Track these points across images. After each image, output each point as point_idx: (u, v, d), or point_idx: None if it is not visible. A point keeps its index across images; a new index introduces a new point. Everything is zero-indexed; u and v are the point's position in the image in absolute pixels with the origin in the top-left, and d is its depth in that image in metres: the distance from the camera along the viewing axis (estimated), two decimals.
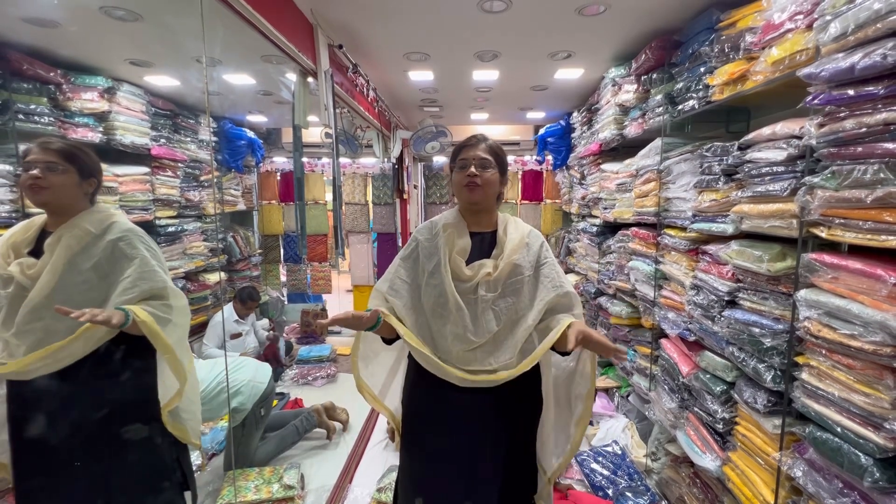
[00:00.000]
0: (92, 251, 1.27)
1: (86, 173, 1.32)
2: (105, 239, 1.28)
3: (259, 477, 2.13)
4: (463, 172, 1.26)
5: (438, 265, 1.25)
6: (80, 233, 1.27)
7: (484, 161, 1.26)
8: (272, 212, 4.96)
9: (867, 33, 1.01)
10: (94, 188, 1.35)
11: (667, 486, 2.10)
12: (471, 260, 1.27)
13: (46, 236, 1.28)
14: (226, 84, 2.89)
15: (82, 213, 1.31)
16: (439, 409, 1.30)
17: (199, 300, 3.27)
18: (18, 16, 1.81)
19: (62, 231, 1.27)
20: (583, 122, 3.51)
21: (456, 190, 1.31)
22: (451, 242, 1.27)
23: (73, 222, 1.28)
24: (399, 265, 1.34)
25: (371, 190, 5.03)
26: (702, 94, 1.82)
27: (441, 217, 1.35)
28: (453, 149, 1.35)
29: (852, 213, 1.08)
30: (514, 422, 1.31)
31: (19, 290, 1.23)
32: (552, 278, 1.29)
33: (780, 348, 1.34)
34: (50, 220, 1.31)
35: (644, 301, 2.36)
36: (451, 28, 2.25)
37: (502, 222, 1.34)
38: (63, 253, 1.24)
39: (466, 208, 1.32)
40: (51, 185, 1.24)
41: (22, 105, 2.03)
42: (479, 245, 1.30)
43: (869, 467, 1.02)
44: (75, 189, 1.29)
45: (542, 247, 1.33)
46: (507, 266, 1.24)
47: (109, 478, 1.30)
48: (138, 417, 1.35)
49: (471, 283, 1.23)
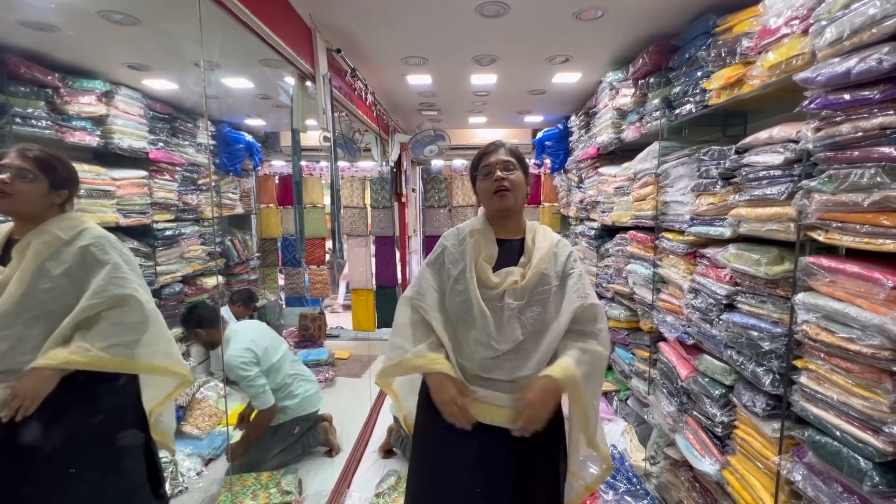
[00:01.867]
0: (62, 257, 1.23)
1: (57, 184, 1.28)
2: (76, 245, 1.25)
3: (256, 482, 2.12)
4: (489, 179, 1.24)
5: (464, 271, 1.23)
6: (50, 238, 1.24)
7: (508, 164, 1.25)
8: (270, 215, 4.95)
9: (862, 38, 1.01)
10: (63, 199, 1.32)
11: (666, 490, 2.09)
12: (498, 267, 1.25)
13: (13, 244, 1.25)
14: (224, 88, 2.89)
15: (52, 219, 1.28)
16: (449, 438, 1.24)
17: None
18: (16, 19, 1.80)
19: (31, 237, 1.24)
20: (580, 125, 3.52)
21: (484, 198, 1.29)
22: (478, 249, 1.25)
23: (43, 228, 1.25)
24: (425, 270, 1.32)
25: (369, 193, 5.03)
26: (699, 99, 1.83)
27: (468, 223, 1.34)
28: (473, 159, 1.33)
29: (849, 216, 1.08)
30: (532, 457, 1.25)
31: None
32: (578, 289, 1.26)
33: (778, 352, 1.34)
34: (16, 226, 1.28)
35: (642, 304, 2.35)
36: (449, 32, 2.26)
37: (531, 230, 1.31)
38: (32, 258, 1.21)
39: (495, 215, 1.30)
40: (16, 192, 1.21)
41: (19, 109, 2.03)
42: (507, 252, 1.28)
43: (868, 471, 1.02)
44: (41, 199, 1.25)
45: (570, 256, 1.30)
46: (534, 275, 1.22)
47: (90, 485, 1.26)
48: (123, 423, 1.32)
49: (497, 290, 1.21)
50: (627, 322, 2.63)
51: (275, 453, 2.32)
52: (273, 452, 2.32)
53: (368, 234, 5.07)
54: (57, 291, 1.22)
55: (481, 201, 1.31)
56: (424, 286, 1.30)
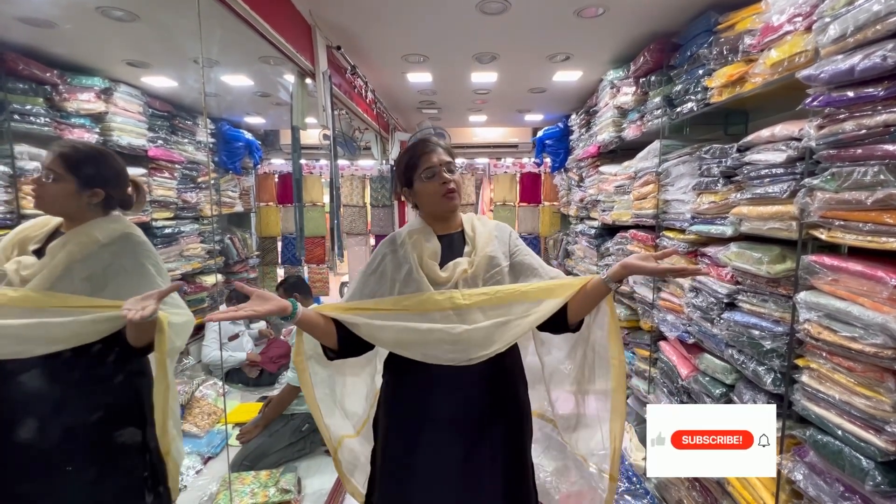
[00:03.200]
0: (91, 262, 1.19)
1: (88, 183, 1.20)
2: (110, 249, 1.21)
3: (255, 481, 2.11)
4: (435, 182, 1.18)
5: (410, 271, 1.17)
6: (87, 240, 1.20)
7: (450, 164, 1.20)
8: (270, 213, 4.95)
9: (866, 35, 1.01)
10: (99, 199, 1.23)
11: (666, 490, 2.09)
12: (443, 262, 1.20)
13: (58, 237, 1.22)
14: (223, 85, 2.88)
15: (95, 220, 1.23)
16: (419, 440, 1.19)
17: (196, 302, 3.25)
18: (14, 15, 1.80)
19: (70, 236, 1.20)
20: (581, 124, 3.51)
21: (430, 201, 1.21)
22: (420, 247, 1.20)
23: (82, 229, 1.21)
24: (363, 282, 1.23)
25: (369, 192, 5.03)
26: (700, 97, 1.82)
27: (403, 228, 1.28)
28: (405, 158, 1.23)
29: (852, 214, 1.07)
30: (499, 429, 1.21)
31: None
32: (530, 264, 1.23)
33: (780, 351, 1.34)
34: (65, 221, 1.25)
35: (643, 303, 2.35)
36: (449, 30, 2.25)
37: (468, 221, 1.28)
38: (64, 259, 1.17)
39: (438, 215, 1.25)
40: (42, 194, 1.18)
41: (17, 105, 2.02)
42: (449, 246, 1.24)
43: (870, 471, 1.02)
44: (71, 200, 1.19)
45: (511, 236, 1.28)
46: (482, 259, 1.18)
47: (93, 485, 1.25)
48: (128, 422, 1.30)
49: (449, 284, 1.17)
50: (628, 321, 2.63)
51: (282, 445, 2.34)
52: (280, 445, 2.34)
53: (368, 233, 5.06)
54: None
55: (422, 203, 1.23)
56: (364, 296, 1.20)
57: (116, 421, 1.28)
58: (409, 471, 1.20)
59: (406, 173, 1.23)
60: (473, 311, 1.12)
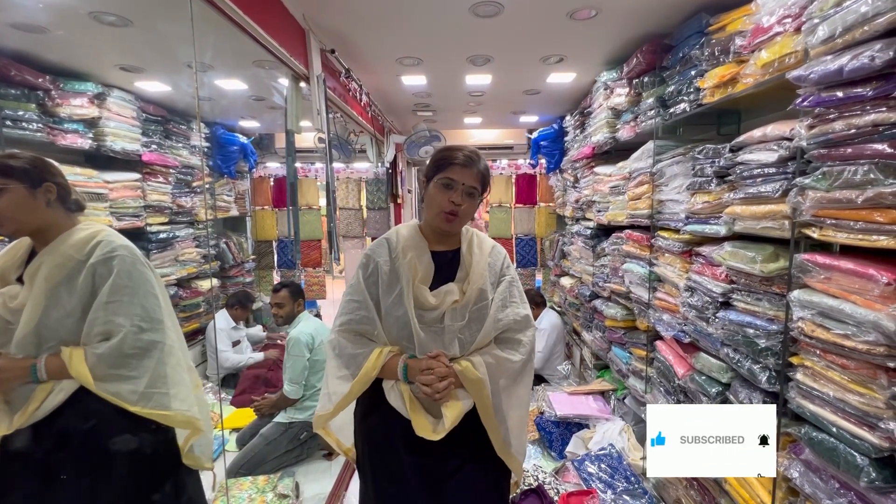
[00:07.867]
0: (75, 280, 1.14)
1: (35, 182, 1.14)
2: (88, 264, 1.15)
3: (253, 486, 2.10)
4: (445, 195, 1.14)
5: (401, 296, 1.15)
6: (62, 259, 1.14)
7: (472, 190, 1.16)
8: (265, 217, 4.93)
9: (854, 36, 1.02)
10: (54, 193, 1.17)
11: (664, 489, 2.09)
12: (434, 281, 1.18)
13: (34, 258, 1.17)
14: (217, 89, 2.87)
15: (64, 234, 1.17)
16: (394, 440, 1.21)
17: (191, 307, 3.24)
18: (5, 21, 1.79)
19: (43, 257, 1.15)
20: (575, 125, 3.53)
21: (431, 208, 1.17)
22: (414, 269, 1.16)
23: (54, 246, 1.15)
24: (360, 286, 1.20)
25: (365, 195, 5.02)
26: (693, 97, 1.84)
27: (397, 235, 1.22)
28: (439, 155, 1.19)
29: (843, 213, 1.08)
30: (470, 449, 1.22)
31: (4, 324, 1.14)
32: (504, 298, 1.22)
33: (774, 349, 1.34)
34: (35, 240, 1.20)
35: (639, 303, 2.36)
36: (443, 32, 2.26)
37: (465, 239, 1.24)
38: (43, 284, 1.13)
39: (435, 230, 1.21)
40: (1, 212, 1.10)
41: (9, 111, 2.01)
42: (442, 265, 1.21)
43: (865, 467, 1.02)
44: (28, 203, 1.12)
45: (504, 263, 1.26)
46: (473, 292, 1.17)
47: (99, 495, 1.23)
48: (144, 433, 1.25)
49: (436, 312, 1.15)
50: (624, 321, 2.64)
51: (279, 453, 2.35)
52: (277, 452, 2.34)
53: (364, 236, 5.05)
54: (70, 320, 1.15)
55: (426, 205, 1.20)
56: (366, 307, 1.19)
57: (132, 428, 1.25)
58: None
59: (432, 169, 1.20)
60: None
